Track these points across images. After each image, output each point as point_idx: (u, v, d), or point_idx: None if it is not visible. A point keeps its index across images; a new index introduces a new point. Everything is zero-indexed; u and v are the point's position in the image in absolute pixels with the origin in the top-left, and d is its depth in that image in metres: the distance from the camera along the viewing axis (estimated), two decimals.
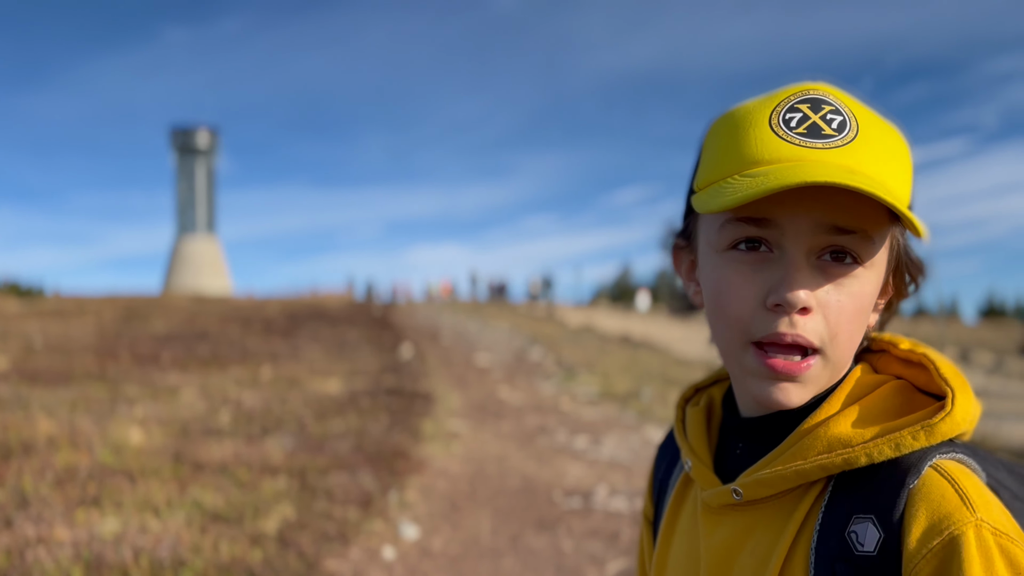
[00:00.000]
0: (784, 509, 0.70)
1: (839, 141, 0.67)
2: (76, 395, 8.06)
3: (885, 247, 0.71)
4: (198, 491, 4.99)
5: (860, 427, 0.68)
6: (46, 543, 4.05)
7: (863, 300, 0.70)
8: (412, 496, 5.20)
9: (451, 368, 12.56)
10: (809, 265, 0.67)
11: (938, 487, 0.64)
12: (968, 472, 0.67)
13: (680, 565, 0.82)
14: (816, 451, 0.68)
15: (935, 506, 0.63)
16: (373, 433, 6.92)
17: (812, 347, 0.68)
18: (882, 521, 0.65)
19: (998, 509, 0.64)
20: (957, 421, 0.67)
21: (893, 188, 0.68)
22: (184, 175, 68.21)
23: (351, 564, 4.02)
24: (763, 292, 0.67)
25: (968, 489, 0.64)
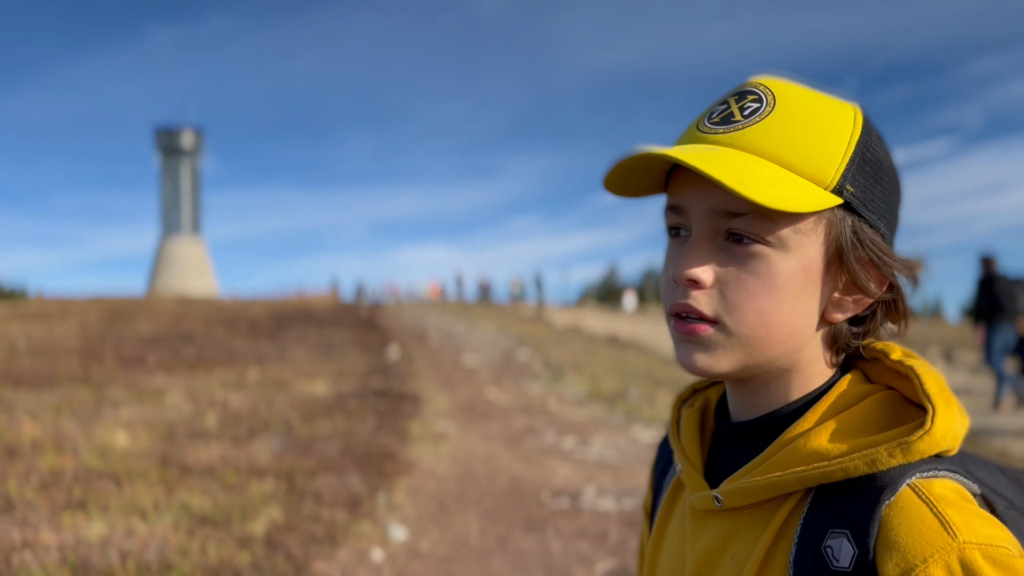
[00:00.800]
0: (764, 518, 0.70)
1: (737, 126, 0.70)
2: (61, 398, 8.00)
3: (811, 229, 0.69)
4: (185, 494, 4.96)
5: (839, 440, 0.68)
6: (32, 547, 4.02)
7: (773, 280, 0.69)
8: (400, 498, 5.20)
9: (439, 369, 12.55)
10: (713, 246, 0.70)
11: (916, 510, 0.63)
12: (950, 491, 0.65)
13: (669, 566, 0.82)
14: (794, 462, 0.68)
15: (915, 531, 0.62)
16: (361, 435, 6.91)
17: (704, 316, 0.70)
18: (856, 537, 0.64)
19: (985, 523, 0.62)
20: (936, 439, 0.65)
21: (783, 159, 0.68)
22: (169, 176, 67.81)
23: (339, 566, 4.01)
24: (671, 268, 0.72)
25: (948, 511, 0.62)
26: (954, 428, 0.67)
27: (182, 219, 67.08)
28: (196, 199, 68.46)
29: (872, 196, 0.71)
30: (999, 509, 0.68)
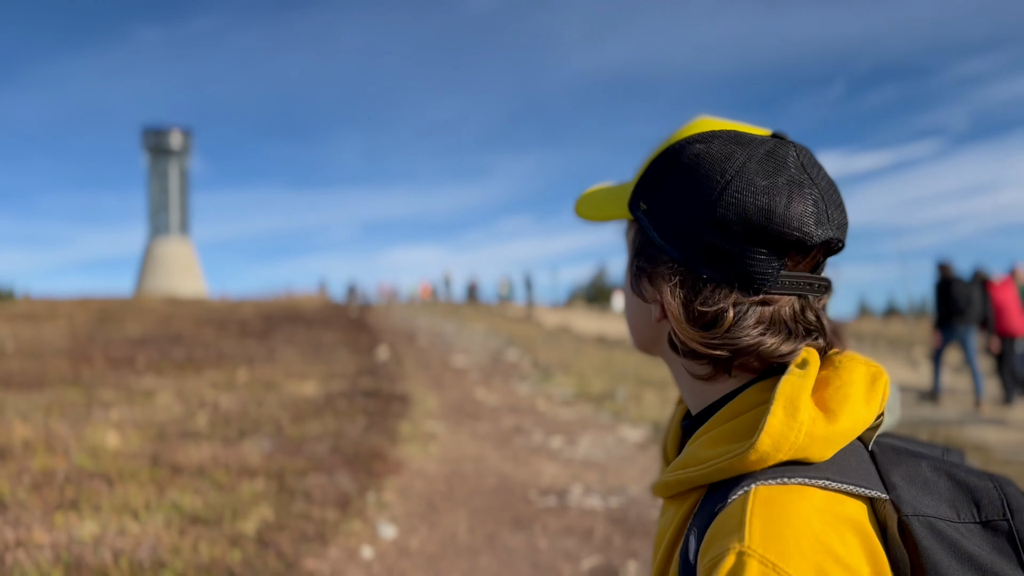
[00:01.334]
0: (682, 505, 0.77)
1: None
2: (50, 399, 8.02)
3: (630, 239, 0.83)
4: (176, 494, 5.02)
5: (712, 447, 0.72)
6: (25, 546, 4.07)
7: (625, 286, 0.82)
8: (390, 496, 5.27)
9: (428, 370, 12.61)
10: None
11: (734, 511, 0.66)
12: (782, 499, 0.66)
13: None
14: (684, 464, 0.74)
15: (719, 527, 0.66)
16: (350, 435, 6.97)
17: None
18: (700, 533, 0.69)
19: (791, 542, 0.62)
20: (766, 451, 0.67)
21: (584, 205, 0.90)
22: (157, 176, 67.51)
23: (330, 563, 4.08)
24: None
25: (757, 516, 0.64)
26: (795, 439, 0.67)
27: (170, 220, 66.79)
28: (184, 199, 68.18)
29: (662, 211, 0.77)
30: (914, 528, 0.67)
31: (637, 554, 4.30)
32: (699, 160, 0.74)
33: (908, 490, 0.69)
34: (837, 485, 0.68)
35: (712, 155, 0.73)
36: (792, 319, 0.73)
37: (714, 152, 0.73)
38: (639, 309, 0.81)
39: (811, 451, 0.68)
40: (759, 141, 0.75)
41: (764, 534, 0.63)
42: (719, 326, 0.72)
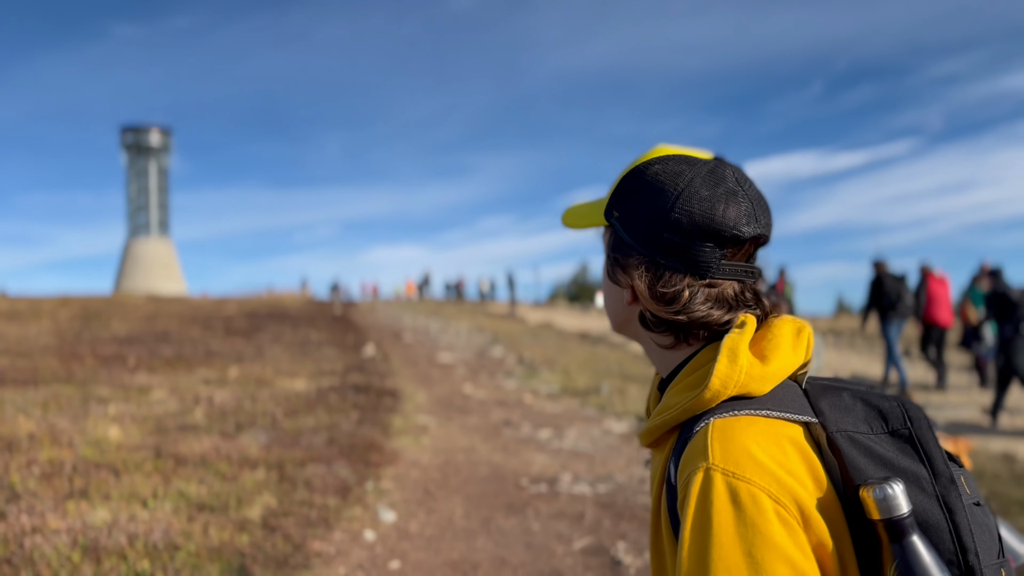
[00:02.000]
0: (663, 450, 1.00)
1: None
2: (46, 396, 8.15)
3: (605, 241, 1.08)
4: (182, 483, 5.21)
5: (678, 395, 0.94)
6: (41, 532, 4.25)
7: (603, 279, 1.08)
8: (387, 485, 5.49)
9: (415, 367, 12.80)
10: None
11: (699, 440, 0.87)
12: (733, 426, 0.86)
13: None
14: (658, 413, 0.96)
15: (689, 454, 0.87)
16: (344, 428, 7.17)
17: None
18: (676, 461, 0.90)
19: (744, 451, 0.83)
20: (716, 390, 0.88)
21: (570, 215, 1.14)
22: (136, 175, 67.04)
23: (335, 546, 4.29)
24: None
25: (716, 440, 0.85)
26: (737, 377, 0.88)
27: (150, 219, 66.36)
28: (164, 198, 67.75)
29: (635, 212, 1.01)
30: (836, 440, 0.89)
31: (626, 536, 4.55)
32: (657, 177, 0.99)
33: (832, 414, 0.92)
34: (776, 413, 0.89)
35: (667, 173, 0.99)
36: (733, 298, 0.97)
37: (668, 171, 0.99)
38: (614, 295, 1.05)
39: (751, 387, 0.89)
40: (703, 162, 0.99)
41: (723, 452, 0.84)
42: (677, 302, 0.95)
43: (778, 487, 0.83)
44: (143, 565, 3.87)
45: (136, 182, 67.11)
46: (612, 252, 1.03)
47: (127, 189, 67.35)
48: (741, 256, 0.97)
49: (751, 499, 0.81)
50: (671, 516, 0.91)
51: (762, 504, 0.81)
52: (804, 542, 0.82)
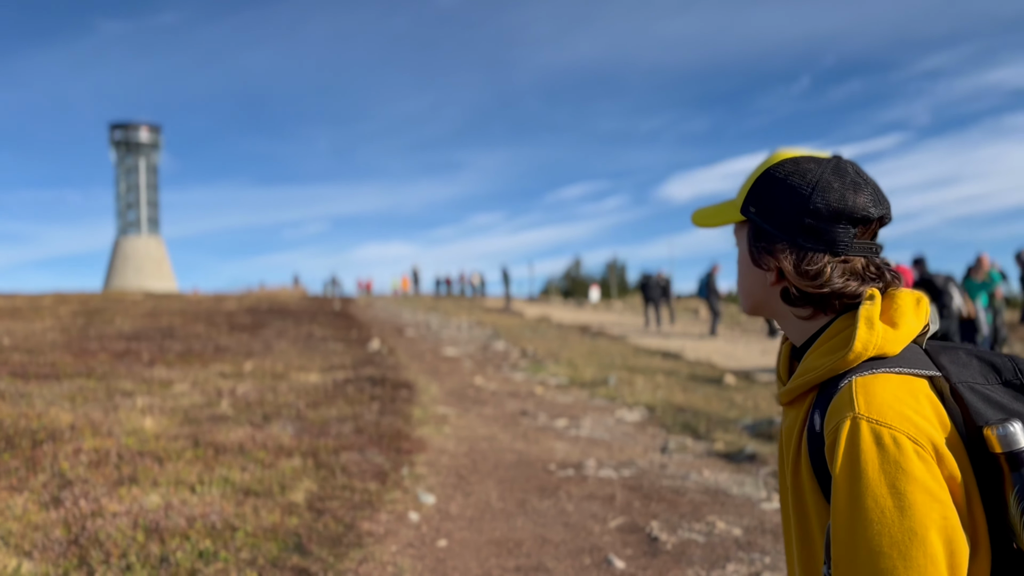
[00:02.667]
0: (802, 406, 1.19)
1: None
2: (71, 389, 8.31)
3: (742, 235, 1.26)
4: (224, 470, 5.40)
5: (820, 358, 1.11)
6: (101, 515, 4.44)
7: (741, 265, 1.27)
8: (421, 470, 5.70)
9: (422, 361, 13.00)
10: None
11: (844, 394, 1.04)
12: (874, 382, 1.04)
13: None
14: (801, 374, 1.13)
15: (836, 406, 1.04)
16: (367, 418, 7.38)
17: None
18: (822, 413, 1.07)
19: (891, 409, 1.00)
20: (858, 352, 1.06)
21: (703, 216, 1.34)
22: (125, 173, 66.75)
23: (383, 526, 4.51)
24: None
25: (860, 394, 1.02)
26: (876, 341, 1.07)
27: (140, 216, 66.11)
28: (154, 196, 67.51)
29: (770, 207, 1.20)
30: (959, 389, 1.06)
31: (657, 515, 4.78)
32: (791, 175, 1.20)
33: (953, 368, 1.09)
34: (908, 370, 1.07)
35: (799, 171, 1.19)
36: (862, 271, 1.17)
37: (800, 169, 1.20)
38: (757, 279, 1.24)
39: (886, 349, 1.07)
40: (827, 160, 1.21)
41: (867, 404, 1.02)
42: (821, 277, 1.15)
43: (915, 430, 1.02)
44: (205, 544, 4.08)
45: (125, 179, 66.81)
46: (755, 242, 1.22)
47: (116, 186, 67.05)
48: (868, 235, 1.17)
49: (892, 441, 1.00)
50: (812, 460, 1.11)
51: (903, 445, 1.00)
52: (939, 475, 1.01)
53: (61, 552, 3.98)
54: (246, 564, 3.90)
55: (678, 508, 4.93)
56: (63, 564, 3.85)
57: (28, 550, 4.01)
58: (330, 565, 3.93)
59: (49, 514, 4.49)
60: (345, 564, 3.95)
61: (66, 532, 4.25)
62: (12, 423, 6.19)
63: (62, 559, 3.91)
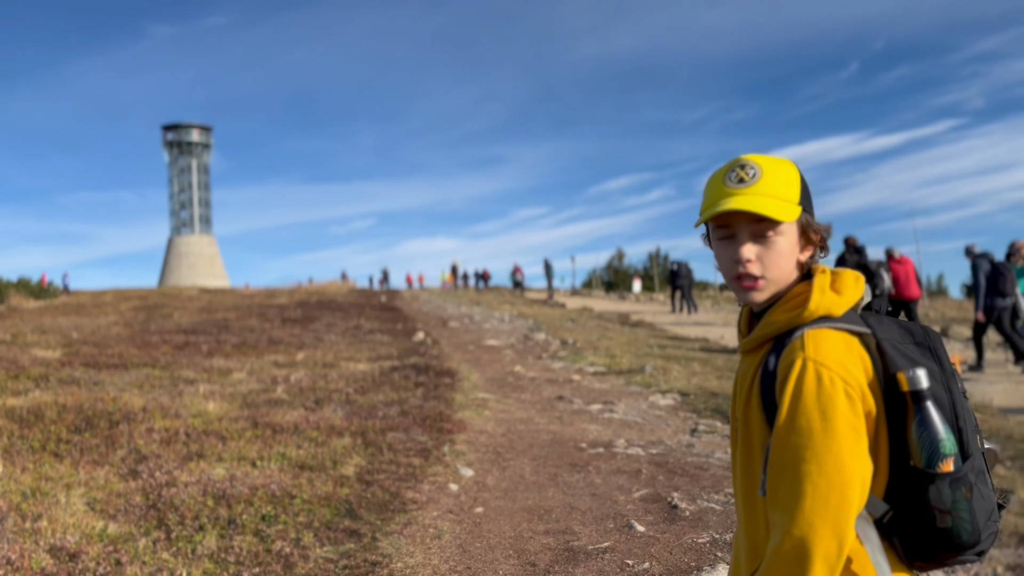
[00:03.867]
0: (759, 353, 1.54)
1: (749, 184, 1.44)
2: (139, 378, 8.94)
3: (791, 223, 1.45)
4: (281, 447, 5.89)
5: (782, 314, 1.42)
6: (174, 485, 4.95)
7: (782, 250, 1.45)
8: (461, 448, 6.13)
9: (464, 351, 13.46)
10: (752, 240, 1.45)
11: (797, 342, 1.35)
12: (820, 334, 1.34)
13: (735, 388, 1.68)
14: (765, 326, 1.43)
15: (790, 351, 1.36)
16: (412, 403, 7.84)
17: (756, 276, 1.51)
18: (777, 356, 1.39)
19: (831, 354, 1.31)
20: (812, 311, 1.37)
21: (765, 207, 1.41)
22: (177, 173, 68.64)
23: (425, 495, 4.94)
24: (732, 258, 1.52)
25: (809, 343, 1.33)
26: (826, 304, 1.39)
27: (193, 215, 67.90)
28: (205, 195, 69.28)
29: (807, 203, 1.55)
30: (883, 345, 1.36)
31: (679, 487, 5.14)
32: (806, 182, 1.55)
33: (879, 329, 1.40)
34: (846, 327, 1.38)
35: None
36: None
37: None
38: (791, 253, 1.51)
39: (833, 311, 1.39)
40: None
41: (815, 350, 1.32)
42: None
43: (846, 374, 1.36)
44: (267, 509, 4.55)
45: (178, 180, 68.69)
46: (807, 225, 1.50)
47: (170, 186, 68.99)
48: None
49: (829, 380, 1.35)
50: (763, 393, 1.46)
51: (836, 383, 1.34)
52: (859, 410, 1.35)
53: (141, 515, 4.49)
54: (303, 526, 4.37)
55: (700, 481, 5.28)
56: (144, 525, 4.36)
57: (112, 513, 4.54)
58: (377, 527, 4.38)
59: (128, 484, 5.02)
60: (391, 527, 4.39)
61: (144, 499, 4.77)
62: (90, 406, 6.78)
63: (142, 521, 4.42)
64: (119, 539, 4.15)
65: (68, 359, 10.58)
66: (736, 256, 1.46)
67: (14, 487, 4.88)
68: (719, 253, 1.51)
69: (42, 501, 4.64)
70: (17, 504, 4.57)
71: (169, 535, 4.21)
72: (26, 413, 6.63)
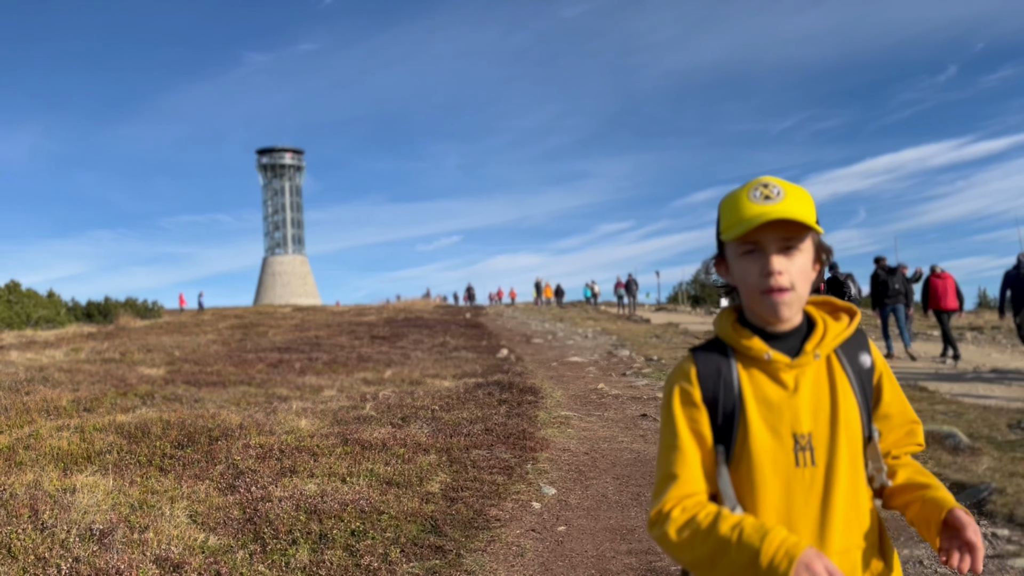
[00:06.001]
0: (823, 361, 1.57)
1: (775, 200, 1.48)
2: (236, 395, 9.34)
3: (809, 241, 1.52)
4: (369, 464, 6.07)
5: (840, 324, 1.57)
6: (269, 500, 5.17)
7: (804, 266, 1.52)
8: (544, 466, 6.18)
9: (548, 367, 13.52)
10: (779, 254, 1.49)
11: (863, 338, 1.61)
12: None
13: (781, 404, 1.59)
14: (834, 333, 1.55)
15: (866, 345, 1.60)
16: (496, 420, 7.94)
17: (786, 288, 1.53)
18: (867, 352, 1.59)
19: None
20: (859, 319, 1.59)
21: (801, 214, 1.46)
22: (271, 195, 71.25)
23: (508, 512, 5.02)
24: (762, 271, 1.53)
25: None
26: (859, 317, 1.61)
27: (286, 235, 70.29)
28: (298, 216, 71.65)
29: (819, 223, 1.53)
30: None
31: None
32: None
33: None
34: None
35: None
36: None
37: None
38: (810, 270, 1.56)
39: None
40: None
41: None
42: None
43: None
44: (356, 524, 4.71)
45: (272, 201, 71.27)
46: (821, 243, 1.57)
47: (264, 208, 71.63)
48: None
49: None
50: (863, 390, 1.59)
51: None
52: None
53: (239, 528, 4.71)
54: (391, 542, 4.50)
55: None
56: (241, 538, 4.57)
57: (213, 526, 4.77)
58: (462, 544, 4.47)
59: (227, 498, 5.26)
60: (475, 544, 4.48)
61: (241, 513, 4.99)
62: (192, 423, 7.14)
63: (240, 534, 4.63)
64: (219, 551, 4.37)
65: (171, 376, 11.14)
66: (767, 268, 1.48)
67: (123, 500, 5.18)
68: (743, 268, 1.52)
69: (148, 513, 4.92)
70: (126, 516, 4.86)
71: (264, 548, 4.40)
72: (134, 429, 7.03)
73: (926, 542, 4.41)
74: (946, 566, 1.46)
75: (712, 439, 1.54)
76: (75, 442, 6.58)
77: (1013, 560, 4.07)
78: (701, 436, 1.54)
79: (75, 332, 21.59)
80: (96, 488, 5.37)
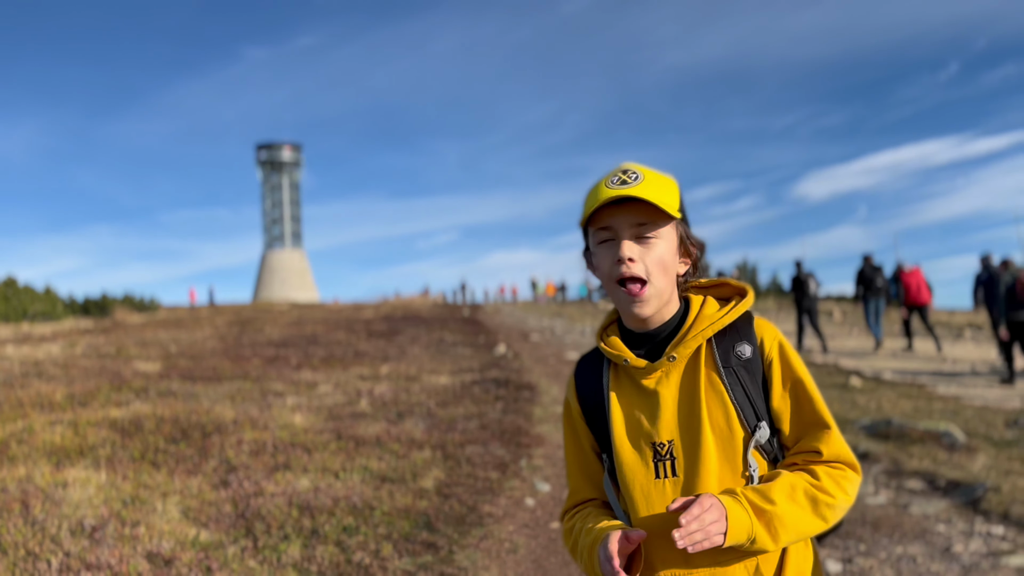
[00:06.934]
0: (690, 360, 1.44)
1: (632, 184, 1.40)
2: (231, 390, 9.31)
3: (671, 229, 1.43)
4: (363, 460, 6.05)
5: (714, 314, 1.44)
6: (262, 495, 5.15)
7: (663, 255, 1.42)
8: (538, 462, 6.16)
9: (545, 364, 13.49)
10: (633, 241, 1.41)
11: (765, 324, 1.47)
12: (763, 320, 1.48)
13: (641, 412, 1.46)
14: (699, 328, 1.43)
15: (770, 331, 1.45)
16: (491, 416, 7.91)
17: (640, 278, 1.40)
18: (750, 342, 1.44)
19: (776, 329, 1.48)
20: (748, 302, 1.46)
21: (654, 197, 1.37)
22: (270, 190, 71.12)
23: (502, 509, 4.99)
24: (614, 258, 1.45)
25: (765, 326, 1.47)
26: (751, 300, 1.48)
27: (284, 231, 70.21)
28: (296, 211, 71.56)
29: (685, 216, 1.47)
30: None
31: None
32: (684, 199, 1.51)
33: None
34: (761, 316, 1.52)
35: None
36: None
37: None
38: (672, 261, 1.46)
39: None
40: None
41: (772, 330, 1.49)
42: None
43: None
44: (349, 520, 4.69)
45: (270, 196, 71.14)
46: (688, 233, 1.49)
47: (262, 203, 71.50)
48: None
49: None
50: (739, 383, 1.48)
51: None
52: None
53: (231, 524, 4.69)
54: (383, 538, 4.48)
55: None
56: (233, 533, 4.55)
57: (204, 521, 4.75)
58: (455, 540, 4.45)
59: (219, 493, 5.24)
60: (468, 540, 4.46)
61: (234, 508, 4.97)
62: (185, 418, 7.11)
63: (232, 529, 4.61)
64: (210, 546, 4.34)
65: (166, 372, 11.11)
66: (618, 255, 1.41)
67: (115, 494, 5.16)
68: (600, 256, 1.45)
69: (140, 508, 4.90)
70: (118, 511, 4.84)
71: (256, 544, 4.38)
72: (127, 424, 7.00)
73: (921, 539, 4.40)
74: None
75: (599, 448, 1.52)
76: (68, 436, 6.55)
77: (1008, 558, 4.06)
78: (582, 449, 1.55)
79: (71, 327, 21.57)
80: (88, 483, 5.34)
